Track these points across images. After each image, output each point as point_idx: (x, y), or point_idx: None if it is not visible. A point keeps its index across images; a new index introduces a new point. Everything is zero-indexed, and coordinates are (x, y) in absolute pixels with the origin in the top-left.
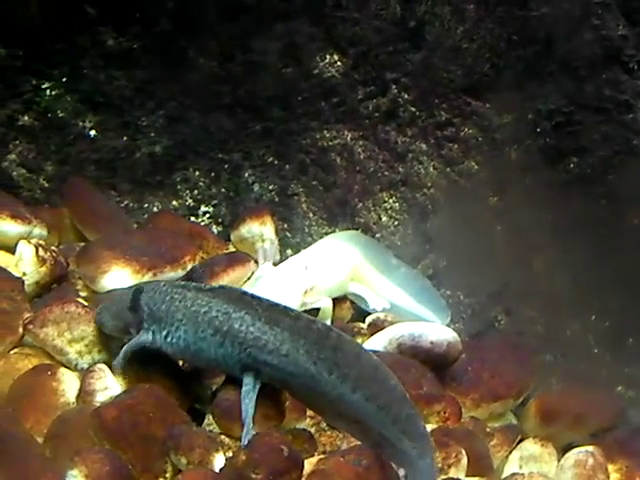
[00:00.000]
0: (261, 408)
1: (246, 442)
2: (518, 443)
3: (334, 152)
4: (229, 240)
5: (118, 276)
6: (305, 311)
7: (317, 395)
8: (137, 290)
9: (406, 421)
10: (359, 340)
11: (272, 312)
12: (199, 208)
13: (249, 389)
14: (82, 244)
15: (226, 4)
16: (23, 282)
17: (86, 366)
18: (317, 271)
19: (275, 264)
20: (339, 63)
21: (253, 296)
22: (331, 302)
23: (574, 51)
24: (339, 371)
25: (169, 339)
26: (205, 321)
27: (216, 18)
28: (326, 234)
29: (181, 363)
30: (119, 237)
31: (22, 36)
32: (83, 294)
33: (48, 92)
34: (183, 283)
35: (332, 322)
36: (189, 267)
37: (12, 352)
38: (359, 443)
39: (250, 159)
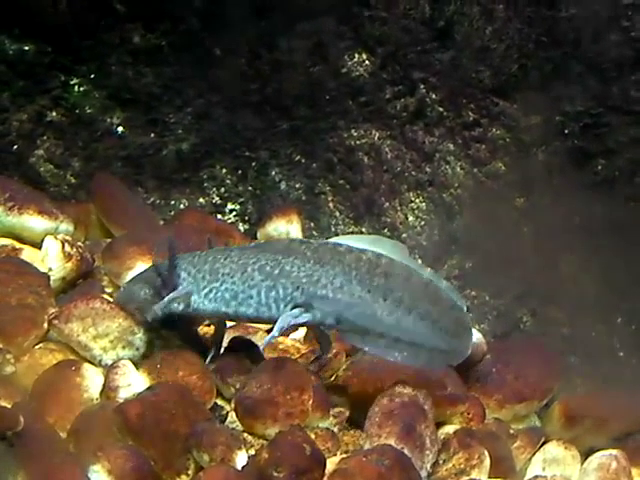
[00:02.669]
0: (284, 407)
1: (277, 333)
2: (541, 445)
3: (361, 151)
4: (255, 238)
5: None
6: None
7: (372, 324)
8: (173, 258)
9: (455, 325)
10: None
11: (321, 252)
12: (226, 206)
13: (294, 312)
14: (108, 240)
15: (254, 2)
16: (49, 277)
17: (110, 362)
18: None
19: None
20: (367, 62)
21: (301, 241)
22: None
23: (602, 53)
24: (393, 295)
25: (212, 295)
26: (255, 269)
27: (244, 16)
28: (352, 233)
29: (207, 361)
30: (145, 233)
31: (51, 32)
32: (109, 290)
33: (76, 88)
34: (223, 247)
35: None
36: None
37: (37, 347)
38: (382, 443)
39: (277, 157)
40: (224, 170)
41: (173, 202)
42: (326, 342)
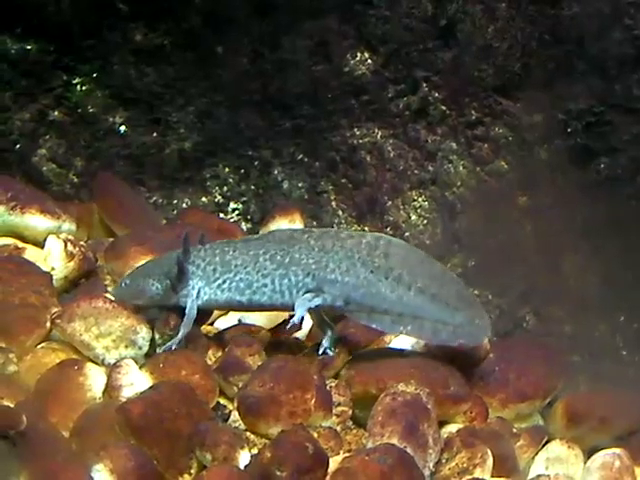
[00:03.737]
0: (287, 406)
1: (296, 320)
2: (544, 444)
3: (364, 150)
4: None
5: None
6: None
7: (377, 301)
8: (188, 252)
9: (457, 298)
10: (386, 339)
11: (324, 239)
12: (228, 205)
13: (307, 297)
14: (111, 239)
15: (257, 1)
16: (51, 277)
17: (113, 361)
18: None
19: None
20: (370, 61)
21: (303, 231)
22: None
23: (605, 51)
24: (393, 273)
25: (226, 285)
26: (267, 259)
27: (246, 15)
28: None
29: (212, 359)
30: (148, 233)
31: (53, 31)
32: (111, 289)
33: (79, 87)
34: (226, 240)
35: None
36: None
37: (39, 346)
38: (385, 442)
39: (280, 156)
40: (227, 169)
41: (175, 201)
42: (328, 327)
